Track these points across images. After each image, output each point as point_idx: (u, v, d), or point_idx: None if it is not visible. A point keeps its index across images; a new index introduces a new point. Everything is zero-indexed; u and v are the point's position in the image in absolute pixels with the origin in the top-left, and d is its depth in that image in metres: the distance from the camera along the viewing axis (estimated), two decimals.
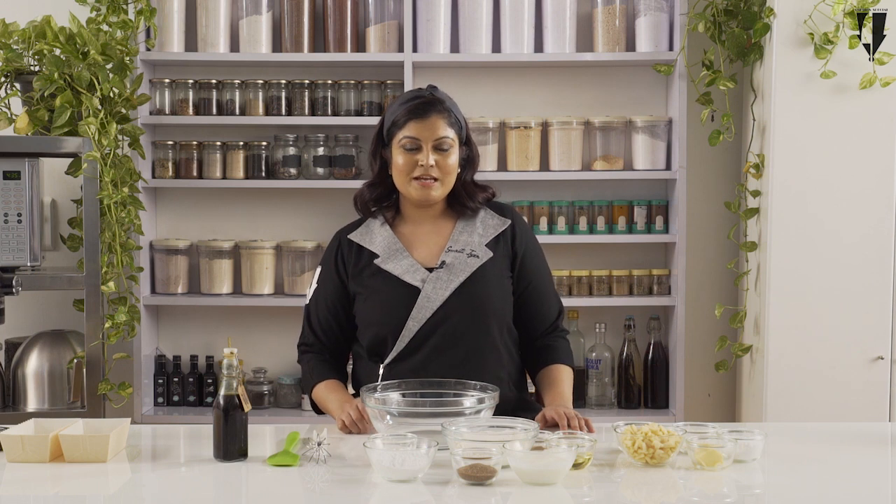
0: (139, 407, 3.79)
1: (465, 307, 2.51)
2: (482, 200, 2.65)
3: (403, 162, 2.53)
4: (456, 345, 2.49)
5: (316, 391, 2.60)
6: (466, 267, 2.54)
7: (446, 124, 2.54)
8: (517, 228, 2.64)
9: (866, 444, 2.34)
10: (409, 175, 2.54)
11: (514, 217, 2.66)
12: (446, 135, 2.53)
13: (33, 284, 3.44)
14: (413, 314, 2.50)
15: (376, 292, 2.56)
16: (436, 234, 2.62)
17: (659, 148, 3.82)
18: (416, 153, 2.52)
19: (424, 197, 2.55)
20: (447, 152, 2.53)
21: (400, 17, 3.83)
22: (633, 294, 3.86)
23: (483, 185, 2.67)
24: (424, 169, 2.51)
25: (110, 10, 3.61)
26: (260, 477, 2.07)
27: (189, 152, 3.83)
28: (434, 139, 2.52)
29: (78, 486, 2.03)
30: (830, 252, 3.45)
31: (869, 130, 3.43)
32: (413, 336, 2.50)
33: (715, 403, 3.97)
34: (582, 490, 1.98)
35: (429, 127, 2.52)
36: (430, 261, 2.57)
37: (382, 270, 2.56)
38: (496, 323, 2.54)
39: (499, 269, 2.58)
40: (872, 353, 3.46)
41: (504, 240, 2.61)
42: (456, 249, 2.56)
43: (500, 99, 3.94)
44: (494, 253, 2.58)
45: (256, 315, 3.99)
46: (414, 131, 2.52)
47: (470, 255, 2.56)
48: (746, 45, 3.59)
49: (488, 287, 2.54)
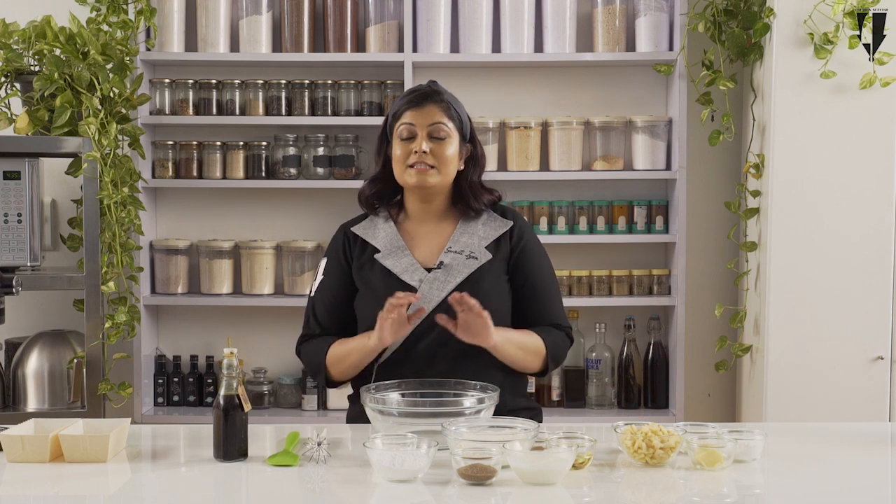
0: (139, 407, 3.79)
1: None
2: (487, 203, 2.64)
3: (401, 151, 2.55)
4: (450, 346, 2.48)
5: (331, 353, 2.54)
6: (464, 268, 2.53)
7: (442, 113, 2.55)
8: (517, 229, 2.63)
9: (866, 444, 2.34)
10: (404, 163, 2.54)
11: (516, 218, 2.65)
12: (441, 121, 2.53)
13: (33, 284, 3.44)
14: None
15: (374, 289, 2.55)
16: (437, 234, 2.62)
17: (659, 148, 3.82)
18: (411, 142, 2.54)
19: (421, 183, 2.54)
20: (443, 141, 2.53)
21: (400, 17, 3.83)
22: (633, 294, 3.86)
23: (489, 188, 2.67)
24: (419, 155, 2.52)
25: (110, 10, 3.61)
26: (260, 477, 2.07)
27: (189, 152, 3.83)
28: (428, 125, 2.53)
29: (78, 486, 2.03)
30: (831, 252, 3.45)
31: (869, 130, 3.43)
32: (408, 336, 2.49)
33: (715, 403, 3.97)
34: (582, 490, 1.98)
35: (424, 114, 2.54)
36: (429, 261, 2.57)
37: (382, 266, 2.56)
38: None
39: (497, 272, 2.57)
40: (872, 353, 3.46)
41: (504, 241, 2.61)
42: (455, 250, 2.56)
43: (500, 99, 3.94)
44: (494, 255, 2.57)
45: (256, 315, 3.99)
46: (409, 118, 2.54)
47: (469, 257, 2.55)
48: (746, 45, 3.59)
49: (486, 289, 2.52)
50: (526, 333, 2.55)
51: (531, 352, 2.54)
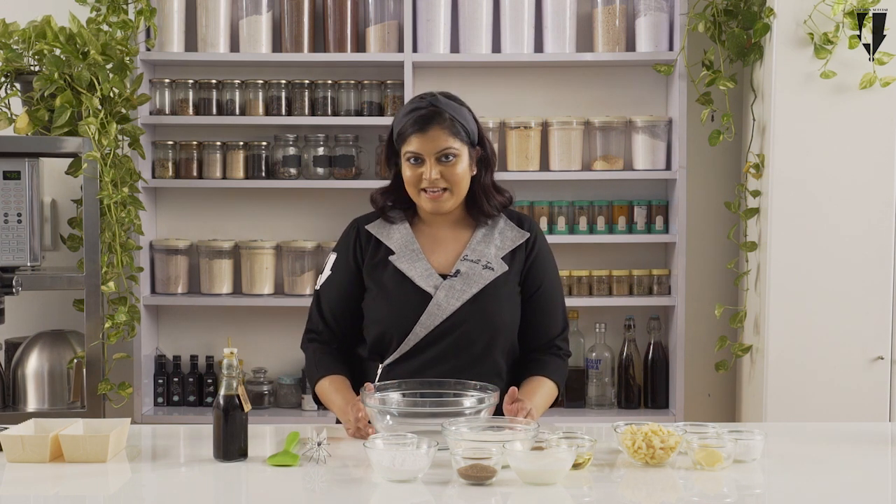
0: (139, 407, 3.79)
1: (474, 319, 2.49)
2: (500, 204, 2.62)
3: (410, 175, 2.52)
4: (458, 355, 2.48)
5: (320, 386, 2.56)
6: (481, 279, 2.51)
7: (449, 134, 2.49)
8: (534, 242, 2.60)
9: (866, 444, 2.34)
10: (416, 187, 2.52)
11: (532, 229, 2.62)
12: (449, 146, 2.49)
13: (33, 284, 3.44)
14: (422, 320, 2.48)
15: (387, 291, 2.53)
16: (453, 241, 2.59)
17: (659, 148, 3.82)
18: (420, 167, 2.50)
19: (436, 209, 2.53)
20: (452, 163, 2.49)
21: (400, 17, 3.83)
22: (633, 294, 3.86)
23: (501, 189, 2.63)
24: (429, 182, 2.50)
25: (110, 10, 3.61)
26: (260, 477, 2.07)
27: (189, 152, 3.83)
28: (436, 152, 2.48)
29: (78, 486, 2.03)
30: (831, 252, 3.45)
31: (869, 130, 3.43)
32: (418, 341, 2.48)
33: (715, 403, 3.97)
34: (582, 490, 1.98)
35: (430, 140, 2.48)
36: (445, 267, 2.55)
37: (396, 269, 2.53)
38: (502, 338, 2.52)
39: (512, 284, 2.55)
40: (872, 353, 3.46)
41: (520, 252, 2.59)
42: (472, 259, 2.54)
43: (500, 99, 3.94)
44: (510, 267, 2.55)
45: (256, 315, 3.99)
46: (416, 146, 2.49)
47: (485, 267, 2.53)
48: (746, 45, 3.59)
49: (500, 301, 2.52)
50: (543, 385, 2.54)
51: (551, 398, 2.58)
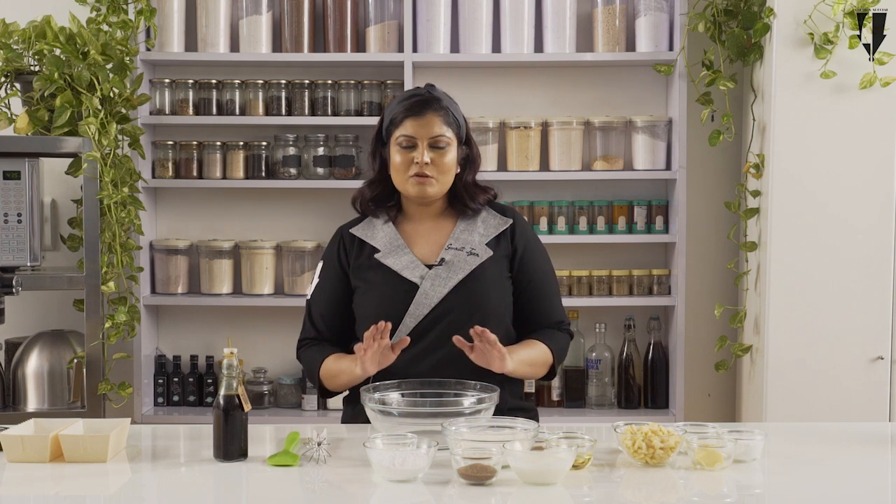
0: (139, 407, 3.79)
1: (462, 305, 2.51)
2: (483, 202, 2.66)
3: (400, 160, 2.55)
4: (451, 342, 2.48)
5: (323, 370, 2.57)
6: (466, 265, 2.55)
7: (443, 122, 2.55)
8: (517, 227, 2.64)
9: (866, 444, 2.34)
10: (405, 172, 2.55)
11: (515, 217, 2.67)
12: (442, 133, 2.54)
13: (33, 284, 3.44)
14: (411, 310, 2.50)
15: (375, 286, 2.57)
16: (436, 232, 2.63)
17: (659, 148, 3.82)
18: (411, 151, 2.54)
19: (421, 193, 2.56)
20: (443, 150, 2.55)
21: (400, 17, 3.83)
22: (633, 294, 3.86)
23: (484, 187, 2.68)
24: (420, 166, 2.53)
25: (110, 10, 3.61)
26: (260, 477, 2.07)
27: (189, 152, 3.83)
28: (430, 137, 2.53)
29: (78, 486, 2.03)
30: (831, 252, 3.45)
31: (869, 130, 3.43)
32: (409, 332, 2.50)
33: (715, 403, 3.97)
34: (582, 490, 1.98)
35: (425, 125, 2.54)
36: (429, 258, 2.58)
37: (382, 265, 2.57)
38: (494, 322, 2.52)
39: (498, 269, 2.58)
40: (872, 353, 3.46)
41: (504, 239, 2.62)
42: (456, 247, 2.57)
43: (500, 99, 3.94)
44: (494, 252, 2.59)
45: (256, 315, 3.99)
46: (410, 129, 2.54)
47: (470, 254, 2.56)
48: (746, 45, 3.59)
49: (487, 286, 2.54)
50: (533, 346, 2.57)
51: (540, 364, 2.58)
